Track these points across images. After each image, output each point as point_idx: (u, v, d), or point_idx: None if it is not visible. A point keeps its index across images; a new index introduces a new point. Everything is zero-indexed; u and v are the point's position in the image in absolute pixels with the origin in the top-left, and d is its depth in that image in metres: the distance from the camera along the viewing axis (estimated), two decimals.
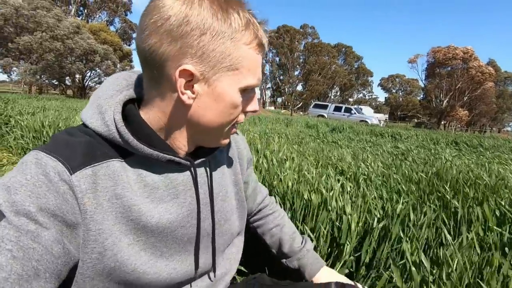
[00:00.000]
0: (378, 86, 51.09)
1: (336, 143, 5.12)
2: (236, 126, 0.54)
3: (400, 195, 1.41)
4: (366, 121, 16.47)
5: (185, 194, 0.52)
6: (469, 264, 0.79)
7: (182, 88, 0.43)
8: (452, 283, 0.75)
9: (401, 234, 0.97)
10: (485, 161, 3.07)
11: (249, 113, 0.53)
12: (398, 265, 0.88)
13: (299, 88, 41.22)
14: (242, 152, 0.68)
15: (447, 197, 1.35)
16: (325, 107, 20.91)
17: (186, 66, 0.42)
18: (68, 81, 23.47)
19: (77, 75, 22.71)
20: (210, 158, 0.57)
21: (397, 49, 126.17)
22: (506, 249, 0.93)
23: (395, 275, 0.77)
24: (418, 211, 1.15)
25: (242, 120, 0.52)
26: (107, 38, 24.85)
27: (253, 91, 0.51)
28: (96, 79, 23.75)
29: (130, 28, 35.48)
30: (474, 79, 27.45)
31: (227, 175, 0.62)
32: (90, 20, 32.04)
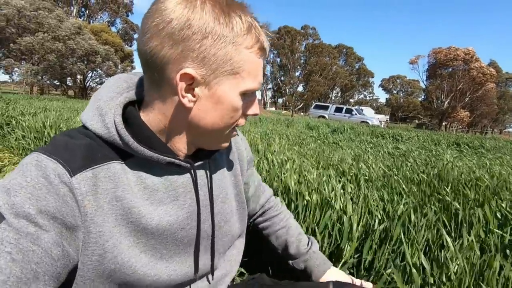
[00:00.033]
0: (379, 87, 51.22)
1: (337, 144, 5.12)
2: (236, 129, 0.54)
3: (401, 197, 1.41)
4: (367, 122, 16.45)
5: (185, 196, 0.52)
6: (469, 266, 0.79)
7: (182, 92, 0.43)
8: (453, 285, 0.75)
9: (402, 236, 0.97)
10: (486, 163, 3.07)
11: (250, 116, 0.53)
12: (399, 267, 0.88)
13: (300, 89, 41.29)
14: (242, 153, 0.68)
15: (448, 199, 1.35)
16: (326, 108, 20.90)
17: (187, 70, 0.42)
18: (69, 82, 23.58)
19: (78, 76, 22.81)
20: (210, 160, 0.57)
21: (398, 50, 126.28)
22: (507, 251, 0.93)
23: (396, 278, 0.77)
24: (419, 213, 1.15)
25: (243, 123, 0.52)
26: (108, 39, 24.91)
27: (254, 95, 0.51)
28: (97, 79, 23.82)
29: (131, 29, 35.55)
30: (475, 80, 27.40)
31: (227, 177, 0.62)
32: (91, 21, 32.11)
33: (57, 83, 22.52)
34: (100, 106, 0.46)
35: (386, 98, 51.43)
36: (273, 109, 37.72)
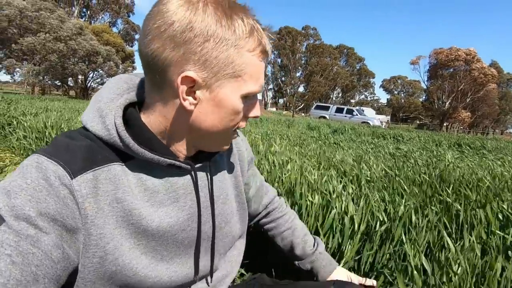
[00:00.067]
0: (380, 87, 51.09)
1: (338, 145, 5.12)
2: (237, 131, 0.54)
3: (402, 198, 1.40)
4: (368, 123, 16.44)
5: (185, 197, 0.52)
6: (470, 267, 0.79)
7: (184, 94, 0.43)
8: (455, 287, 0.75)
9: (403, 237, 0.97)
10: (488, 164, 3.06)
11: (251, 118, 0.53)
12: (400, 268, 0.88)
13: (301, 90, 41.32)
14: (242, 154, 0.68)
15: (449, 200, 1.34)
16: (326, 108, 20.91)
17: (188, 73, 0.42)
18: (70, 82, 23.63)
19: (79, 76, 22.85)
20: (210, 161, 0.57)
21: (399, 51, 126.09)
22: (509, 252, 0.93)
23: (398, 279, 0.76)
24: (420, 214, 1.15)
25: (244, 125, 0.52)
26: (109, 39, 24.96)
27: (255, 97, 0.51)
28: (99, 80, 23.87)
29: (132, 29, 35.63)
30: (477, 81, 27.37)
31: (228, 178, 0.62)
32: (93, 22, 32.19)
33: (59, 84, 22.58)
34: (101, 108, 0.46)
35: (387, 99, 51.42)
36: (274, 109, 37.74)
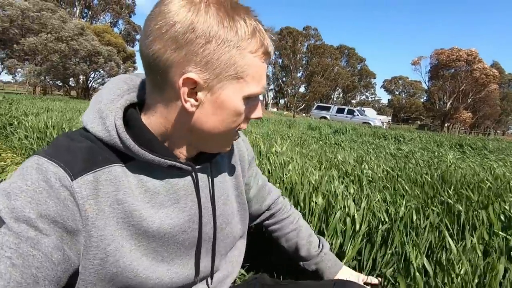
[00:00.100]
0: (381, 88, 51.05)
1: (339, 145, 5.11)
2: (238, 133, 0.54)
3: (403, 198, 1.40)
4: (369, 123, 16.41)
5: (186, 199, 0.52)
6: (471, 268, 0.78)
7: (185, 96, 0.43)
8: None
9: (404, 237, 0.97)
10: (490, 164, 3.05)
11: (252, 119, 0.52)
12: (401, 268, 0.87)
13: (302, 90, 41.27)
14: (243, 155, 0.68)
15: (451, 201, 1.34)
16: (327, 108, 20.88)
17: (190, 75, 0.42)
18: (72, 82, 23.70)
19: (81, 76, 22.93)
20: (211, 162, 0.56)
21: (400, 51, 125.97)
22: None
23: (400, 280, 0.76)
24: (422, 215, 1.14)
25: (245, 127, 0.51)
26: (111, 40, 25.02)
27: (257, 99, 0.50)
28: (100, 80, 23.94)
29: (133, 29, 35.72)
30: (478, 81, 27.32)
31: (228, 178, 0.62)
32: (94, 22, 32.29)
33: (60, 84, 22.63)
34: (101, 109, 0.46)
35: (388, 99, 51.42)
36: (275, 110, 37.77)
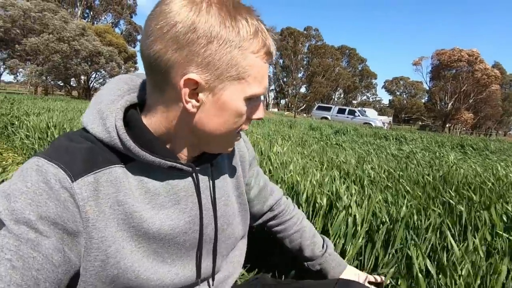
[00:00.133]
0: (382, 88, 50.99)
1: (340, 146, 5.10)
2: (240, 134, 0.54)
3: (405, 199, 1.40)
4: (370, 124, 16.39)
5: (186, 200, 0.51)
6: (473, 269, 0.78)
7: (186, 97, 0.43)
8: None
9: (406, 238, 0.96)
10: (491, 165, 3.04)
11: (254, 120, 0.52)
12: (403, 269, 0.87)
13: (303, 90, 41.25)
14: (244, 155, 0.67)
15: (453, 202, 1.33)
16: (328, 109, 20.87)
17: (191, 75, 0.41)
18: (73, 82, 23.74)
19: (82, 77, 22.98)
20: (211, 163, 0.56)
21: (401, 51, 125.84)
22: None
23: (401, 282, 0.76)
24: (423, 215, 1.14)
25: (247, 127, 0.51)
26: (112, 40, 25.06)
27: (259, 100, 0.50)
28: (101, 80, 23.98)
29: (135, 30, 35.80)
30: (480, 82, 27.27)
31: (229, 179, 0.62)
32: (95, 22, 32.39)
33: (61, 84, 22.68)
34: (101, 110, 0.46)
35: (389, 100, 51.36)
36: (276, 110, 37.78)
